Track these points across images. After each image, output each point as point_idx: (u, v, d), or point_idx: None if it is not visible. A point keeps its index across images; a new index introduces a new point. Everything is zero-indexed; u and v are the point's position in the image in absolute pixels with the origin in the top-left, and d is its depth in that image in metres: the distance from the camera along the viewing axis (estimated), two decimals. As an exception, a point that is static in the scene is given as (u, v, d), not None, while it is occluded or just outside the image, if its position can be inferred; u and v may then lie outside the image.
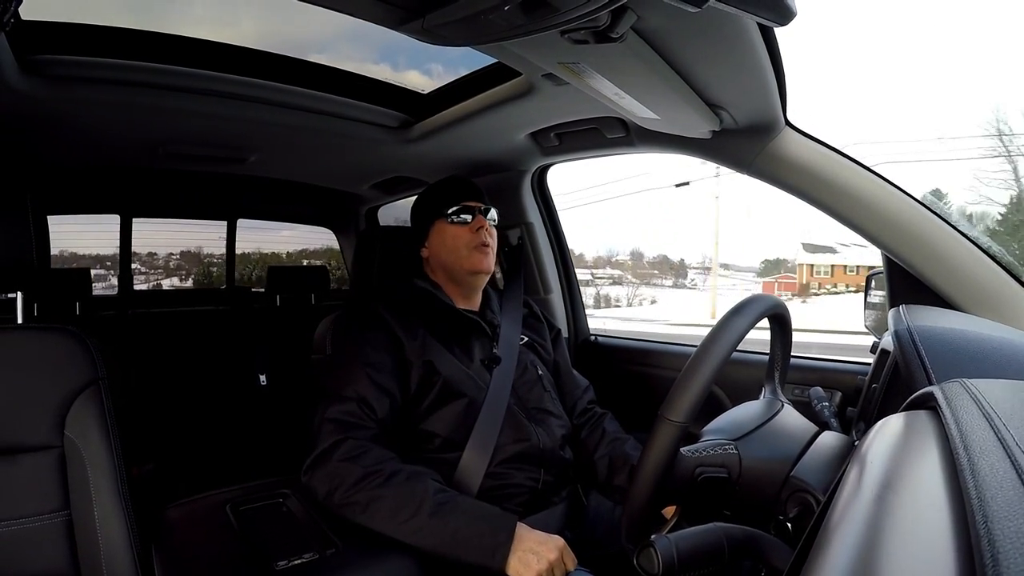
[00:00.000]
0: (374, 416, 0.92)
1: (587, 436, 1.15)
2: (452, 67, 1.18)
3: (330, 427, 0.89)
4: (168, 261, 5.59)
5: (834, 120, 33.84)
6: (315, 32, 15.14)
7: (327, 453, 0.87)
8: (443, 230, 1.10)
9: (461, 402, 0.99)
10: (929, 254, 0.92)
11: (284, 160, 1.60)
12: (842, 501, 0.31)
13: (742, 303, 0.66)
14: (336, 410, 0.91)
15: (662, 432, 0.60)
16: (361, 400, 0.92)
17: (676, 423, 0.59)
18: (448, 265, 1.10)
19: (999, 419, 0.30)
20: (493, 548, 0.80)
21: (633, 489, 0.61)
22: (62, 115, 1.13)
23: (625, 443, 1.12)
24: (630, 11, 0.57)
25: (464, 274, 1.09)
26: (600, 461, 1.10)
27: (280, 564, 0.78)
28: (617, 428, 1.17)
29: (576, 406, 1.19)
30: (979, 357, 0.63)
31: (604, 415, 1.19)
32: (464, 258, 1.08)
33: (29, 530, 0.80)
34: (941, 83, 45.75)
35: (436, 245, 1.11)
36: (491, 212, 1.13)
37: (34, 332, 0.87)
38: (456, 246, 1.08)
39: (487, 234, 1.10)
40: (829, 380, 1.13)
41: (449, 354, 1.02)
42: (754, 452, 0.67)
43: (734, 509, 0.67)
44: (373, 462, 0.86)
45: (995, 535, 0.20)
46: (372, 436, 0.90)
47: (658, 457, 0.60)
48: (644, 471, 0.60)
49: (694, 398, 0.60)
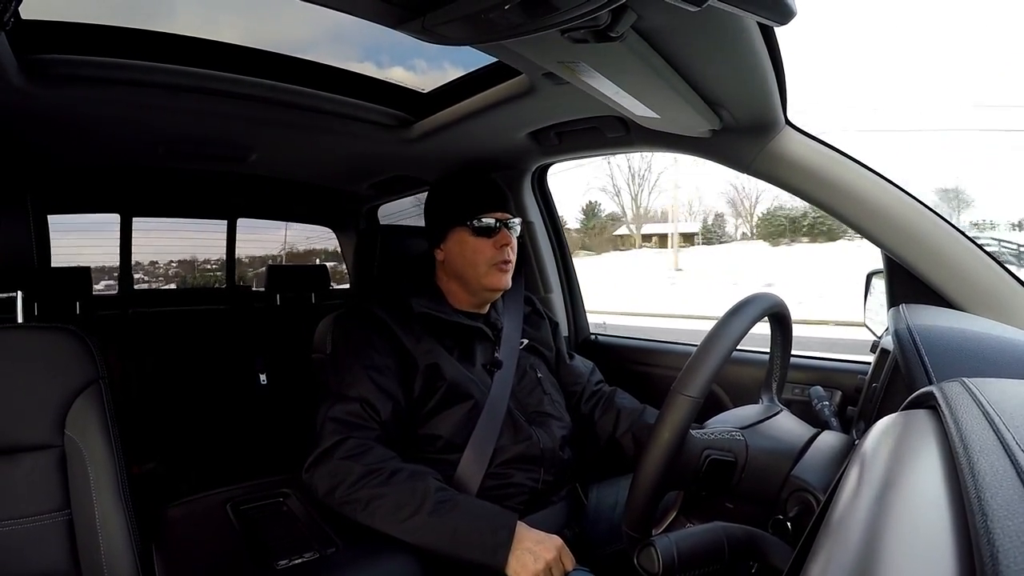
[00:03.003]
0: (377, 417, 0.92)
1: (601, 417, 1.15)
2: (451, 66, 1.18)
3: (333, 426, 0.89)
4: (167, 269, 5.64)
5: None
6: (315, 32, 15.18)
7: (329, 451, 0.87)
8: (463, 240, 1.04)
9: (465, 405, 0.98)
10: (929, 253, 0.92)
11: (284, 159, 1.60)
12: (842, 500, 0.31)
13: (754, 295, 0.69)
14: (340, 409, 0.91)
15: (676, 406, 0.60)
16: (364, 401, 0.92)
17: (690, 398, 0.60)
18: (464, 276, 1.06)
19: (999, 418, 0.30)
20: (494, 547, 0.80)
21: (643, 464, 0.60)
22: (62, 114, 1.13)
23: (643, 413, 1.12)
24: (630, 10, 0.57)
25: (480, 289, 1.06)
26: (623, 438, 1.10)
27: (281, 563, 0.79)
28: (631, 401, 1.16)
29: (584, 392, 1.19)
30: (979, 356, 0.63)
31: (613, 391, 1.18)
32: (483, 275, 1.04)
33: (29, 530, 0.80)
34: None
35: (454, 253, 1.06)
36: (516, 224, 1.08)
37: (34, 331, 0.87)
38: (475, 260, 1.04)
39: (510, 250, 1.05)
40: (829, 379, 1.13)
41: (452, 358, 1.02)
42: (760, 442, 0.68)
43: (736, 500, 0.68)
44: (374, 460, 0.86)
45: (994, 533, 0.20)
46: (375, 437, 0.90)
47: (671, 431, 0.59)
48: (656, 445, 0.60)
49: (709, 373, 0.60)
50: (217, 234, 2.55)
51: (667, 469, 0.60)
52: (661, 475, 0.60)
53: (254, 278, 4.59)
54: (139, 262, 3.83)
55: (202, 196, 2.20)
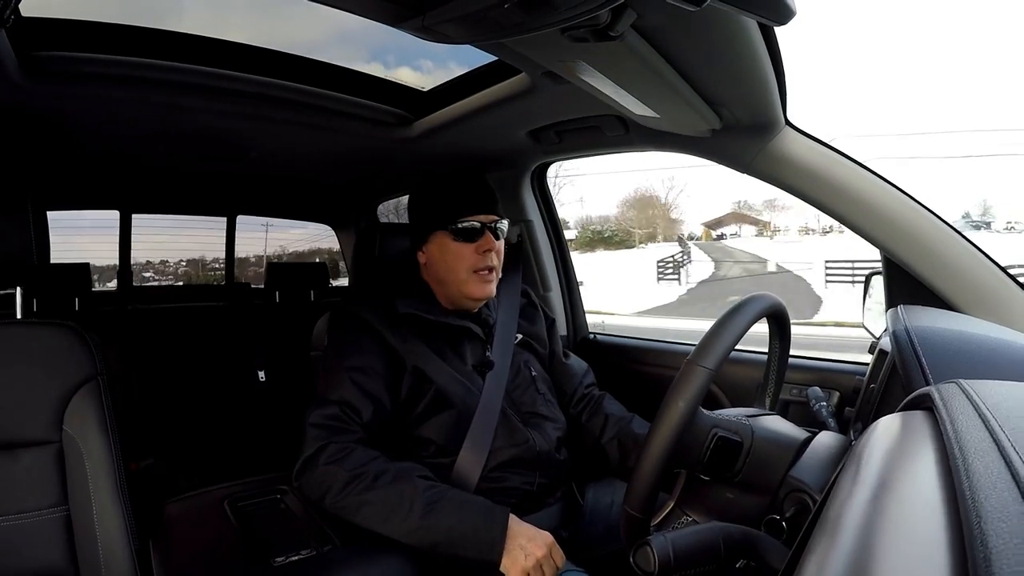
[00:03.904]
0: (358, 420, 0.91)
1: (588, 421, 1.13)
2: (457, 66, 1.18)
3: (314, 432, 0.89)
4: (176, 268, 5.79)
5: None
6: (323, 33, 15.09)
7: (313, 459, 0.87)
8: (444, 244, 1.00)
9: (454, 411, 0.97)
10: (928, 254, 0.92)
11: (283, 157, 1.60)
12: (838, 501, 0.31)
13: (766, 293, 0.71)
14: (319, 414, 0.90)
15: (690, 376, 0.59)
16: (345, 404, 0.91)
17: (706, 369, 0.59)
18: (445, 282, 1.02)
19: (994, 420, 0.30)
20: (490, 543, 0.80)
21: (654, 435, 0.59)
22: (62, 111, 1.13)
23: (631, 422, 1.09)
24: (630, 9, 0.57)
25: (460, 296, 1.02)
26: (609, 444, 1.08)
27: (278, 560, 0.79)
28: (619, 408, 1.14)
29: (575, 394, 1.17)
30: (976, 358, 0.63)
31: (602, 396, 1.17)
32: (463, 282, 1.00)
33: (27, 525, 0.80)
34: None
35: (435, 257, 1.02)
36: (502, 226, 1.02)
37: (33, 327, 0.87)
38: (456, 267, 0.99)
39: (494, 255, 1.00)
40: (827, 380, 1.13)
41: (440, 360, 0.99)
42: (765, 431, 0.69)
43: (736, 489, 0.67)
44: (357, 464, 0.86)
45: (988, 534, 0.20)
46: (356, 439, 0.89)
47: (685, 400, 0.58)
48: (669, 414, 0.59)
49: (725, 347, 0.60)
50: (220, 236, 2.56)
51: (677, 441, 0.58)
52: (671, 446, 0.58)
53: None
54: (150, 261, 3.87)
55: (201, 193, 2.19)
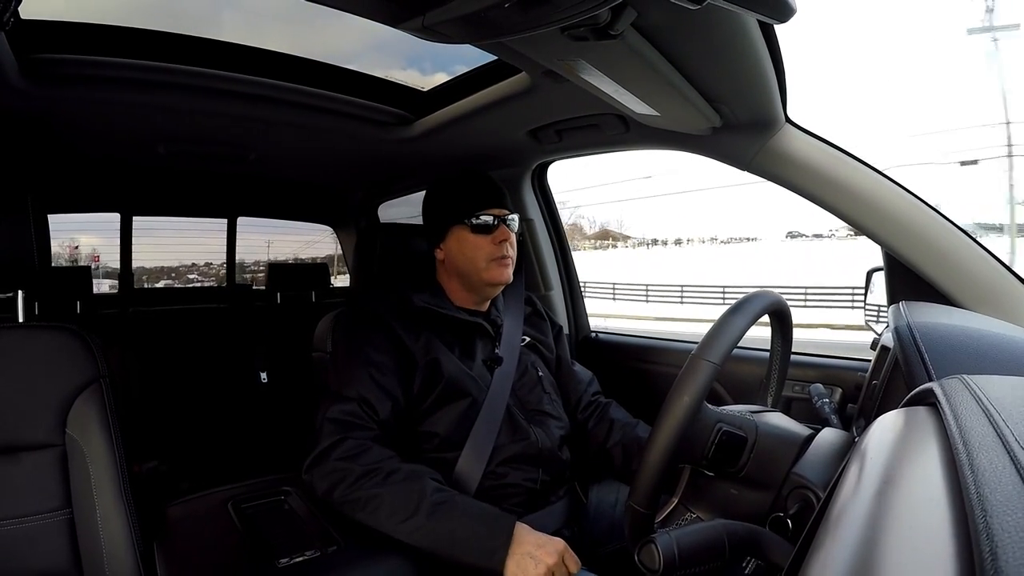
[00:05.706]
0: (376, 417, 0.92)
1: (595, 427, 1.15)
2: (451, 65, 1.18)
3: (331, 427, 0.89)
4: (219, 269, 5.97)
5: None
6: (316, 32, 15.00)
7: (327, 452, 0.87)
8: (462, 237, 1.06)
9: (463, 402, 0.98)
10: (929, 250, 0.92)
11: (284, 158, 1.60)
12: (842, 497, 0.31)
13: (769, 290, 0.71)
14: (337, 410, 0.91)
15: (696, 370, 0.59)
16: (362, 400, 0.92)
17: (710, 363, 0.59)
18: (465, 273, 1.07)
19: (998, 415, 0.30)
20: (492, 550, 0.79)
21: (658, 429, 0.59)
22: (62, 114, 1.13)
23: (635, 427, 1.11)
24: (630, 8, 0.57)
25: (481, 284, 1.07)
26: (614, 449, 1.10)
27: (282, 561, 0.79)
28: (624, 415, 1.16)
29: (581, 400, 1.19)
30: (979, 353, 0.63)
31: (608, 404, 1.18)
32: (483, 270, 1.05)
33: (31, 529, 0.80)
34: (942, 79, 45.16)
35: (454, 251, 1.07)
36: (514, 219, 1.09)
37: (35, 331, 0.87)
38: (475, 257, 1.05)
39: (509, 245, 1.07)
40: (830, 377, 1.13)
41: (452, 354, 1.02)
42: (769, 427, 0.69)
43: (740, 485, 0.67)
44: (372, 461, 0.86)
45: (994, 529, 0.20)
46: (373, 436, 0.90)
47: (690, 394, 0.58)
48: (674, 408, 0.59)
49: (730, 342, 0.60)
50: (246, 237, 2.56)
51: (682, 435, 0.58)
52: (676, 440, 0.58)
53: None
54: (195, 263, 4.02)
55: (202, 195, 2.20)
